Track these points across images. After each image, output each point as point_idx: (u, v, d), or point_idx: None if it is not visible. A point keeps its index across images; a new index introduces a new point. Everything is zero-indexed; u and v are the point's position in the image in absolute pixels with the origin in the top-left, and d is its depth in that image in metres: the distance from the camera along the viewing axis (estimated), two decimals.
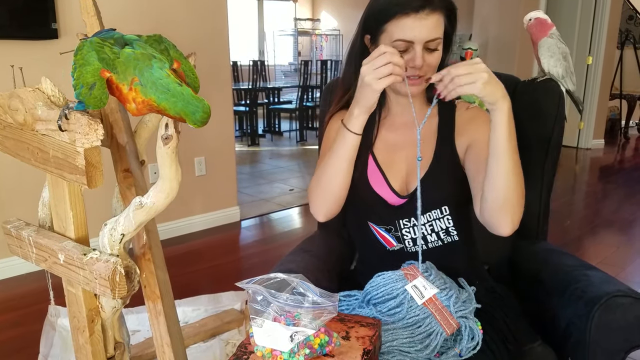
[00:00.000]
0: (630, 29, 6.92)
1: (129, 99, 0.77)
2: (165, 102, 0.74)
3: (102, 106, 0.79)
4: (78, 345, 1.06)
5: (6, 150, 1.00)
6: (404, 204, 1.13)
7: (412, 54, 1.03)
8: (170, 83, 0.74)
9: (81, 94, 0.78)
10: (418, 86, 1.08)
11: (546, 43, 1.30)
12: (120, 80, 0.77)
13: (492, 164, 0.98)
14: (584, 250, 3.00)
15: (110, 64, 0.77)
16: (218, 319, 2.03)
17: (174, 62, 0.81)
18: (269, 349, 0.81)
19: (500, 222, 1.01)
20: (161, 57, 0.78)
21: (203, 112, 0.74)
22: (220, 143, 3.26)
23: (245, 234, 3.30)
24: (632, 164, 5.46)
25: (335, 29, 9.51)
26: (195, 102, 0.73)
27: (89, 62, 0.77)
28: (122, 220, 0.90)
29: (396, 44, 1.03)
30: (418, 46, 1.02)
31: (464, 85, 0.90)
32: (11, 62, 1.53)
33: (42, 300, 2.21)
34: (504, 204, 0.99)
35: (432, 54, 1.05)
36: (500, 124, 0.95)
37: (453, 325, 0.96)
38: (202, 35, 3.04)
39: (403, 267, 1.07)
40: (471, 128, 1.12)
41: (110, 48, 0.78)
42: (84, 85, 0.77)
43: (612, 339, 1.01)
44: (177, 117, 0.75)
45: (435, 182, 1.09)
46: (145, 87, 0.74)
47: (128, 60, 0.77)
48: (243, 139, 6.60)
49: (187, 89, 0.74)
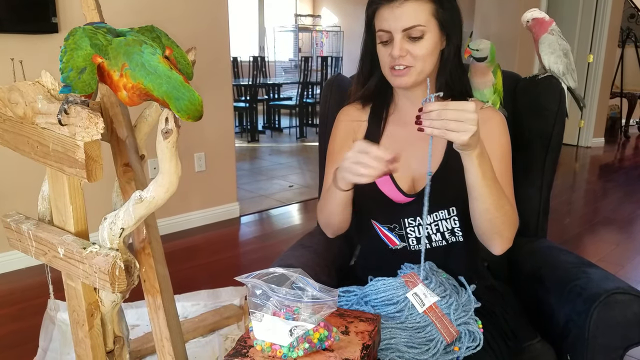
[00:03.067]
0: (631, 27, 6.90)
1: (120, 86, 0.76)
2: (151, 83, 0.73)
3: (90, 91, 0.79)
4: (77, 339, 1.06)
5: (6, 144, 1.00)
6: (409, 202, 1.11)
7: (393, 44, 1.03)
8: (160, 65, 0.73)
9: (69, 77, 0.77)
10: (404, 77, 1.05)
11: (547, 40, 1.29)
12: (111, 66, 0.76)
13: (472, 201, 1.00)
14: (583, 248, 3.00)
15: (102, 50, 0.77)
16: (217, 314, 2.04)
17: (165, 49, 0.81)
18: (269, 343, 0.81)
19: (488, 245, 1.06)
20: (152, 44, 0.77)
21: (190, 102, 0.72)
22: (220, 139, 3.26)
23: (244, 230, 3.30)
24: (632, 163, 5.46)
25: (336, 25, 9.49)
26: (183, 90, 0.72)
27: (81, 47, 0.76)
28: (122, 215, 0.90)
29: (379, 35, 1.05)
30: (397, 35, 1.02)
31: (450, 132, 0.86)
32: (11, 56, 1.54)
33: (41, 294, 2.22)
34: (490, 232, 1.03)
35: (417, 43, 1.02)
36: (471, 169, 0.94)
37: (453, 333, 0.96)
38: (202, 30, 3.03)
39: (402, 273, 1.06)
40: (483, 130, 1.09)
41: (103, 35, 0.78)
42: (74, 68, 0.76)
43: (610, 336, 1.01)
44: (162, 101, 0.74)
45: (445, 182, 1.07)
46: (134, 71, 0.74)
47: (119, 46, 0.76)
48: (243, 135, 6.59)
49: (176, 75, 0.73)
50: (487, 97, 1.13)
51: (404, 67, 1.04)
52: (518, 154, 1.36)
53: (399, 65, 1.04)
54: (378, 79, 1.16)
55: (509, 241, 1.04)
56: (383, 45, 1.06)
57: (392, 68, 1.06)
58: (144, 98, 0.77)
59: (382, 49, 1.07)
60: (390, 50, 1.04)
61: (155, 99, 0.75)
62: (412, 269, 1.07)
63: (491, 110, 1.12)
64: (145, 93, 0.75)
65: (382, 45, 1.06)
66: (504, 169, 1.08)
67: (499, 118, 1.11)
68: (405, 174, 1.12)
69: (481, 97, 1.14)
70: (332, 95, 1.43)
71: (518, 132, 1.36)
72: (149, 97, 0.76)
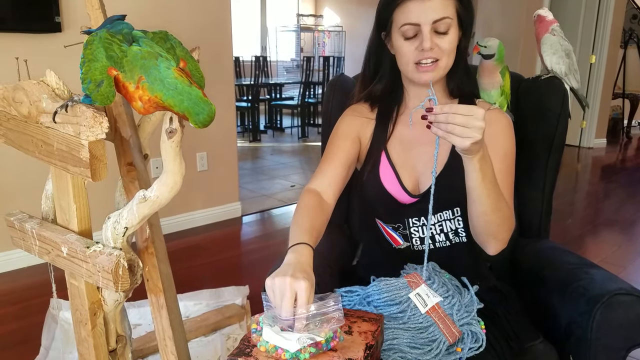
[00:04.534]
0: (634, 28, 6.89)
1: (135, 97, 0.77)
2: (172, 99, 0.74)
3: (109, 103, 0.79)
4: (80, 338, 1.06)
5: (10, 143, 1.00)
6: (414, 202, 1.11)
7: (421, 38, 1.01)
8: (178, 82, 0.74)
9: (89, 89, 0.78)
10: (431, 72, 1.04)
11: (548, 40, 1.29)
12: (127, 79, 0.77)
13: (470, 203, 1.00)
14: (586, 249, 2.99)
15: (117, 62, 0.77)
16: (219, 314, 2.04)
17: (180, 61, 0.81)
18: (273, 344, 0.81)
19: (483, 245, 1.06)
20: (167, 56, 0.78)
21: (208, 116, 0.74)
22: (222, 139, 3.26)
23: (246, 229, 3.30)
24: (634, 164, 5.46)
25: (338, 25, 9.49)
26: (202, 105, 0.73)
27: (97, 59, 0.77)
28: (126, 214, 0.91)
29: (404, 30, 1.02)
30: (425, 27, 1.00)
31: (454, 136, 0.85)
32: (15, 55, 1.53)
33: (44, 293, 2.22)
34: (486, 234, 1.02)
35: (443, 37, 1.02)
36: (471, 172, 0.93)
37: (455, 334, 0.96)
38: (204, 30, 3.03)
39: (405, 274, 1.06)
40: (489, 132, 1.08)
41: (118, 45, 0.78)
42: (92, 81, 0.77)
43: (613, 337, 1.01)
44: (181, 115, 0.75)
45: (450, 183, 1.06)
46: (152, 85, 0.75)
47: (135, 59, 0.77)
48: (245, 134, 6.60)
49: (196, 90, 0.74)
50: (494, 98, 1.12)
51: (432, 61, 1.03)
52: (521, 154, 1.36)
53: (426, 60, 1.02)
54: (386, 80, 1.16)
55: (503, 243, 1.04)
56: (407, 40, 1.04)
57: (418, 64, 1.04)
58: (159, 109, 0.77)
59: (406, 45, 1.04)
60: (416, 45, 1.02)
61: (174, 112, 0.76)
62: (415, 269, 1.07)
63: (498, 112, 1.11)
64: (163, 107, 0.75)
65: (406, 40, 1.04)
66: (505, 170, 1.08)
67: (506, 121, 1.11)
68: (410, 174, 1.12)
69: (488, 99, 1.13)
70: (334, 96, 1.43)
71: (521, 132, 1.35)
72: (165, 109, 0.76)
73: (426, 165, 1.10)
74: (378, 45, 1.13)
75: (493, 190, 0.96)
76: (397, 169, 1.12)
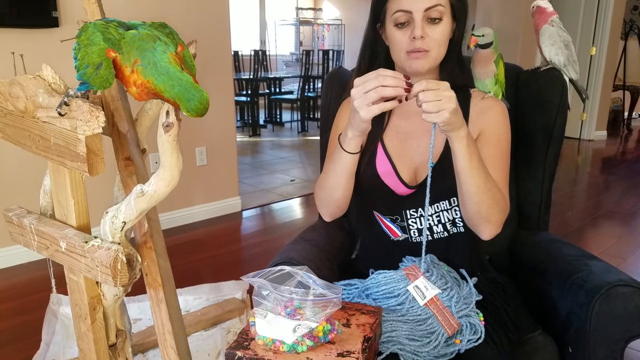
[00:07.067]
0: (634, 20, 6.87)
1: (130, 81, 0.76)
2: (162, 84, 0.73)
3: (108, 86, 0.78)
4: (80, 333, 1.06)
5: (7, 138, 1.00)
6: (411, 194, 1.12)
7: (412, 26, 1.02)
8: (171, 67, 0.74)
9: (86, 74, 0.77)
10: (422, 60, 1.04)
11: (547, 31, 1.28)
12: (124, 61, 0.76)
13: (460, 186, 1.00)
14: (585, 241, 3.00)
15: (116, 44, 0.76)
16: (219, 308, 2.04)
17: (178, 46, 0.81)
18: (271, 337, 0.82)
19: (476, 229, 1.06)
20: (166, 40, 0.77)
21: (199, 102, 0.73)
22: (221, 133, 3.25)
23: (246, 224, 3.31)
24: (635, 156, 5.45)
25: (337, 18, 9.46)
26: (193, 91, 0.73)
27: (94, 42, 0.76)
28: (124, 208, 0.90)
29: (396, 17, 1.03)
30: (417, 14, 1.00)
31: (432, 114, 0.87)
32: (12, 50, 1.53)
33: (43, 288, 2.22)
34: (478, 216, 1.02)
35: (435, 27, 1.02)
36: (459, 151, 0.94)
37: (454, 326, 0.96)
38: (203, 24, 3.02)
39: (403, 266, 1.06)
40: (483, 119, 1.10)
41: (115, 29, 0.77)
42: (90, 65, 0.76)
43: (612, 328, 1.01)
44: (172, 102, 0.74)
45: (446, 172, 1.06)
46: (146, 69, 0.74)
47: (133, 41, 0.76)
48: (244, 129, 6.58)
49: (187, 76, 0.74)
50: (489, 87, 1.13)
51: (422, 50, 1.03)
52: (520, 146, 1.36)
53: (416, 49, 1.02)
54: None
55: (497, 226, 1.04)
56: (399, 28, 1.04)
57: (409, 52, 1.04)
58: (152, 96, 0.77)
59: (398, 33, 1.04)
60: (408, 33, 1.02)
61: (164, 99, 0.75)
62: (413, 262, 1.07)
63: (492, 100, 1.12)
64: (154, 92, 0.75)
65: (398, 28, 1.04)
66: (498, 155, 1.08)
67: (500, 107, 1.11)
68: (407, 165, 1.12)
69: (482, 88, 1.14)
70: (333, 89, 1.42)
71: (520, 124, 1.35)
72: (157, 96, 0.76)
73: (422, 156, 1.11)
74: (373, 38, 1.13)
75: (482, 170, 0.97)
76: (394, 161, 1.13)
